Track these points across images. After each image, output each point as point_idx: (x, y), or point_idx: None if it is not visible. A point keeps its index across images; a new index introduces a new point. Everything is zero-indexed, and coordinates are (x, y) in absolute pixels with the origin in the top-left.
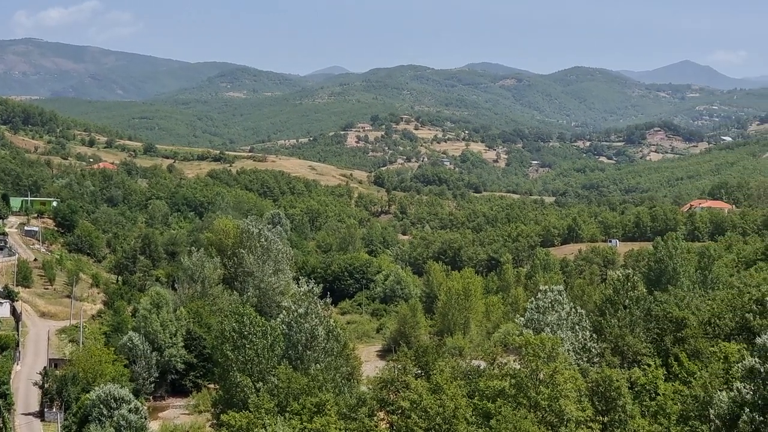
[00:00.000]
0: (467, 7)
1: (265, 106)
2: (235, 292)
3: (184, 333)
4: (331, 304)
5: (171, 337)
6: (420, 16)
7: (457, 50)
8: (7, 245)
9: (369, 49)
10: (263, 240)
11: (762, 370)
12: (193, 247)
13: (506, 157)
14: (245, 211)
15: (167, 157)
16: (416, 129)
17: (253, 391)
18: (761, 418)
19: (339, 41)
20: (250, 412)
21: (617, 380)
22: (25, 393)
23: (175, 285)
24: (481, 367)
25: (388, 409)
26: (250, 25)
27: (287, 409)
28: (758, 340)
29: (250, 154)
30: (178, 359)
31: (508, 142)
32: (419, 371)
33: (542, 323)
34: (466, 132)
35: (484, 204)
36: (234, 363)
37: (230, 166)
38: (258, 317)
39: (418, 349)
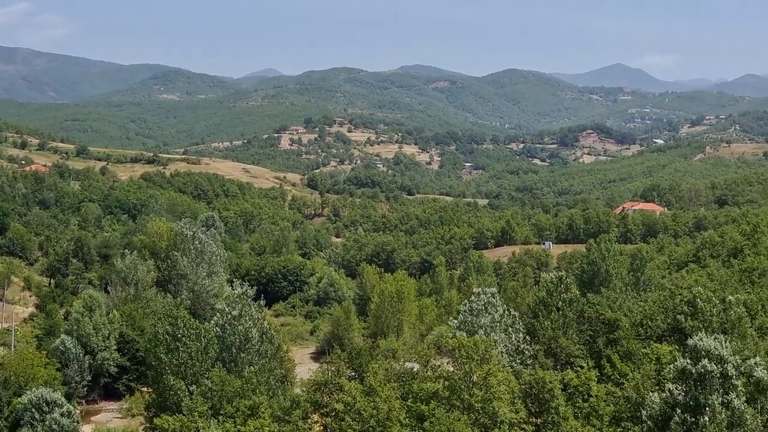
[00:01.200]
0: (400, 9)
1: (199, 108)
2: (168, 294)
3: (117, 336)
4: (265, 307)
5: (104, 341)
6: (353, 18)
7: (391, 53)
8: None
9: (303, 51)
10: (197, 243)
11: (693, 371)
12: (127, 250)
13: (439, 159)
14: (179, 214)
15: (100, 160)
16: (350, 131)
17: (187, 394)
18: (692, 419)
19: (272, 44)
20: (183, 415)
21: (550, 382)
22: None
23: (108, 288)
24: (415, 370)
25: (321, 411)
26: (183, 28)
27: (221, 412)
28: (690, 342)
29: (183, 156)
30: (111, 362)
31: (442, 144)
32: (353, 373)
33: (475, 325)
34: (400, 134)
35: (417, 206)
36: (167, 366)
37: (164, 168)
38: (192, 320)
39: (352, 351)
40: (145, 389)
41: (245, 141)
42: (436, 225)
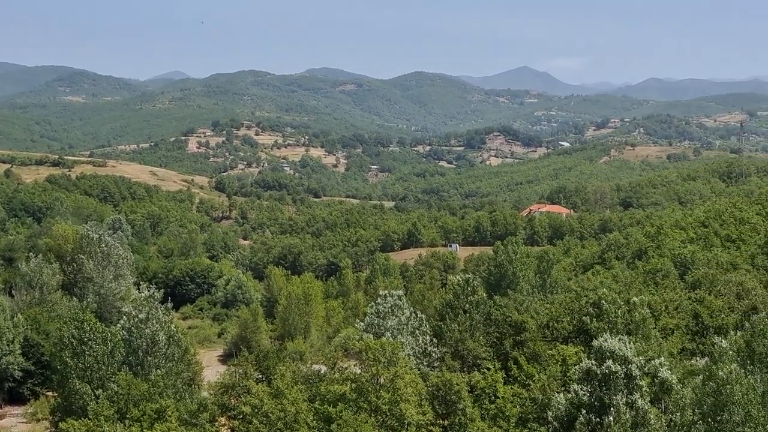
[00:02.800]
0: (306, 12)
1: (105, 110)
2: (74, 298)
3: (21, 340)
4: (173, 309)
5: (8, 345)
6: (259, 21)
7: (298, 56)
8: None
9: (209, 54)
10: (103, 245)
11: (598, 372)
12: (32, 253)
13: (346, 162)
14: (85, 217)
15: (4, 162)
16: (257, 135)
17: (93, 398)
18: (597, 419)
19: (179, 46)
20: (89, 419)
21: (457, 384)
22: None
23: (13, 291)
24: (322, 372)
25: (229, 414)
26: (89, 29)
27: (127, 415)
28: (595, 343)
29: (89, 158)
30: (16, 367)
31: (348, 146)
32: (260, 376)
33: (382, 328)
34: (306, 137)
35: (324, 209)
36: (73, 370)
37: (69, 171)
38: (98, 323)
39: (259, 353)
40: (50, 393)
41: (152, 144)
42: (343, 227)
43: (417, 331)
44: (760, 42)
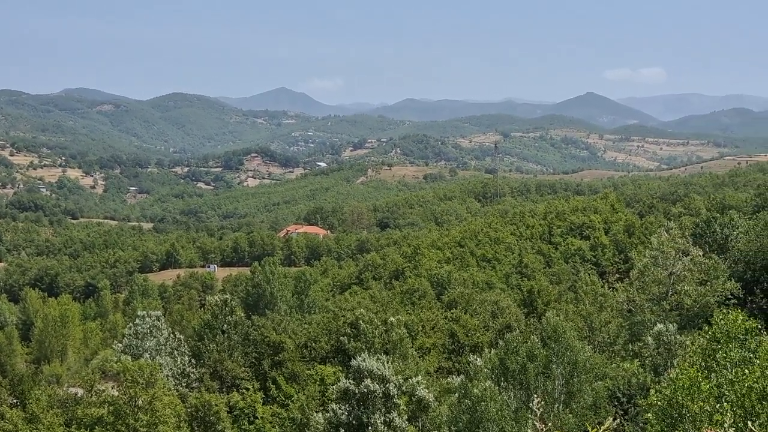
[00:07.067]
0: (59, 31)
1: None
2: None
3: None
4: None
5: None
6: (13, 38)
7: (53, 75)
8: None
9: None
10: None
11: (356, 391)
12: None
13: (104, 183)
14: None
15: None
16: (12, 155)
17: None
18: None
19: None
20: None
21: (216, 405)
22: None
23: None
24: (79, 395)
25: None
26: None
27: None
28: (353, 362)
29: None
30: None
31: (106, 168)
32: (15, 400)
33: (141, 349)
34: (63, 158)
35: (82, 230)
36: None
37: None
38: None
39: (14, 377)
40: None
41: None
42: (101, 248)
43: (176, 352)
44: (513, 64)
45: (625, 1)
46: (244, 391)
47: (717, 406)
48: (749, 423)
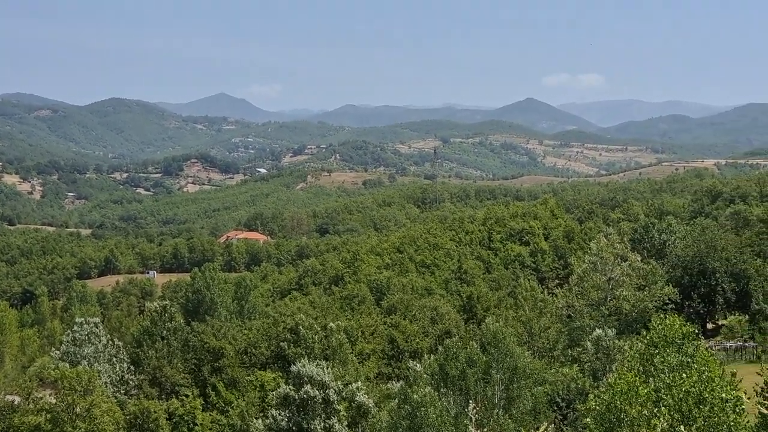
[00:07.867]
0: None
1: None
2: None
3: None
4: None
5: None
6: None
7: None
8: None
9: None
10: None
11: (296, 397)
12: None
13: (42, 189)
14: None
15: None
16: None
17: None
18: None
19: None
20: None
21: (155, 411)
22: None
23: None
24: (16, 403)
25: None
26: None
27: None
28: (293, 368)
29: None
30: None
31: (44, 173)
32: None
33: (79, 356)
34: (0, 164)
35: (19, 236)
36: None
37: None
38: None
39: None
40: None
41: None
42: (39, 255)
43: (114, 359)
44: (452, 70)
45: (564, 8)
46: (183, 397)
47: (655, 411)
48: (681, 427)
